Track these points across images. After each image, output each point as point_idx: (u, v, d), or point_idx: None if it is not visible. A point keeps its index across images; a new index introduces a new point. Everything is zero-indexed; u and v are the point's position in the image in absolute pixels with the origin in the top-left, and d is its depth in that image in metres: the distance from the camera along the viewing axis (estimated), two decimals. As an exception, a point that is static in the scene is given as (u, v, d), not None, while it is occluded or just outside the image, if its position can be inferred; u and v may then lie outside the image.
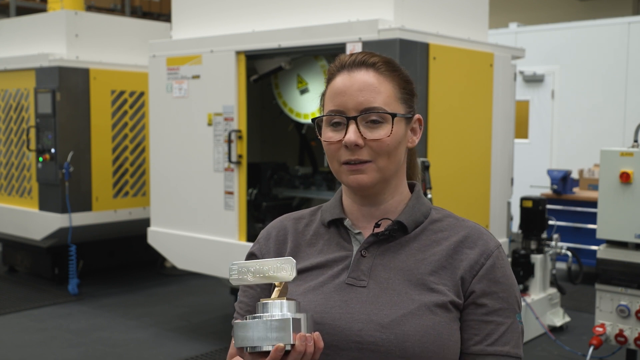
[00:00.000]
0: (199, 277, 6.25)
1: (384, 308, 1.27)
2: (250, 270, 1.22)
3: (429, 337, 1.24)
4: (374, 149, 1.30)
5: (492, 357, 1.27)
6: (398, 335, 1.24)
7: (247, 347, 1.15)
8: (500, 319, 1.28)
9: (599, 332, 3.68)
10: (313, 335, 1.15)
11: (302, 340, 1.13)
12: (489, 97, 4.40)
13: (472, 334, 1.28)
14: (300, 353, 1.12)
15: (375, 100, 1.30)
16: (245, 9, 4.55)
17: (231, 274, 1.24)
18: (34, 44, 6.40)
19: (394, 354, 1.23)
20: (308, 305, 1.30)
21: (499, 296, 1.29)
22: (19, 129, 6.43)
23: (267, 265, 1.22)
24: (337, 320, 1.27)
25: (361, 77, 1.31)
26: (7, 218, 6.54)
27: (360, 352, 1.25)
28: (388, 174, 1.33)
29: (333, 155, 1.33)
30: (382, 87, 1.31)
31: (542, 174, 7.50)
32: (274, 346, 1.11)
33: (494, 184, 4.51)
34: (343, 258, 1.35)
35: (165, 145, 4.93)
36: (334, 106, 1.32)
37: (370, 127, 1.30)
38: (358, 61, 1.33)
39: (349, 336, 1.26)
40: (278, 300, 1.18)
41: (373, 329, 1.25)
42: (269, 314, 1.16)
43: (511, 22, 8.79)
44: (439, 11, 4.21)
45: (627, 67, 7.53)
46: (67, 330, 5.21)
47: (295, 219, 1.46)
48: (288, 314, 1.15)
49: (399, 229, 1.35)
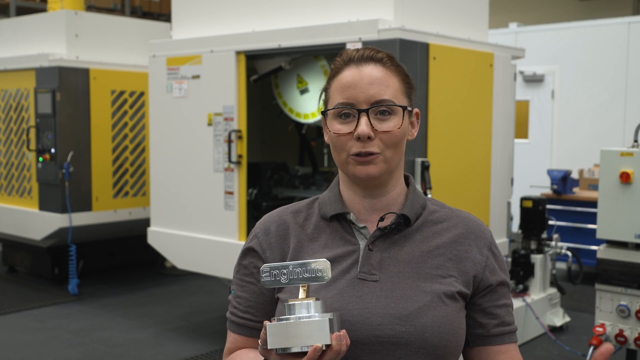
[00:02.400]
0: (199, 277, 6.25)
1: (399, 301, 1.30)
2: (284, 273, 1.22)
3: (445, 327, 1.30)
4: (383, 141, 1.33)
5: (509, 335, 1.40)
6: (417, 327, 1.28)
7: (279, 348, 1.15)
8: (509, 301, 1.42)
9: (599, 332, 3.67)
10: (343, 332, 1.17)
11: (338, 340, 1.15)
12: (489, 97, 4.40)
13: (491, 318, 1.39)
14: (337, 352, 1.14)
15: (385, 93, 1.34)
16: (245, 8, 4.55)
17: (263, 275, 1.24)
18: (34, 44, 6.40)
19: (414, 345, 1.28)
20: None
21: (505, 281, 1.42)
22: (19, 129, 6.43)
23: (302, 267, 1.22)
24: (355, 316, 1.29)
25: (370, 71, 1.35)
26: (7, 218, 6.54)
27: (381, 346, 1.28)
28: (393, 165, 1.37)
29: (342, 147, 1.35)
30: (390, 81, 1.36)
31: (542, 174, 7.50)
32: (312, 346, 1.13)
33: (494, 184, 4.51)
34: (350, 253, 1.37)
35: (165, 145, 4.93)
36: (344, 99, 1.34)
37: (380, 119, 1.33)
38: (366, 56, 1.37)
39: (369, 330, 1.28)
40: (306, 300, 1.19)
41: (392, 322, 1.28)
42: (297, 315, 1.17)
43: (511, 22, 8.79)
44: (439, 11, 4.21)
45: (627, 67, 7.53)
46: (67, 330, 5.21)
47: (294, 212, 1.46)
48: (320, 315, 1.16)
49: (403, 222, 1.38)
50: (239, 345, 1.44)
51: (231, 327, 1.45)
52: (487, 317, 1.38)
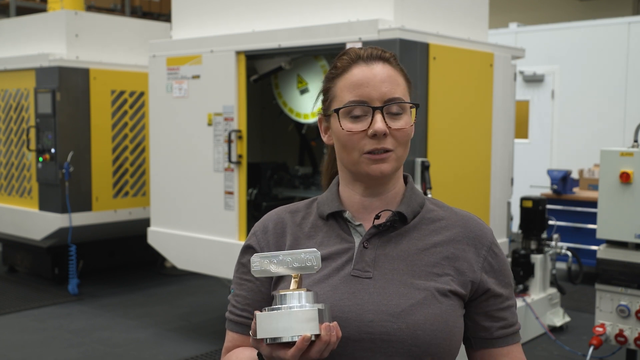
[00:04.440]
0: (199, 277, 6.24)
1: (392, 298, 1.29)
2: (274, 262, 1.22)
3: (438, 324, 1.28)
4: (396, 139, 1.34)
5: (512, 336, 1.39)
6: (409, 324, 1.27)
7: (268, 338, 1.14)
8: (512, 302, 1.41)
9: (599, 332, 3.68)
10: (334, 324, 1.16)
11: (328, 330, 1.14)
12: (489, 97, 4.40)
13: (494, 321, 1.37)
14: (326, 343, 1.14)
15: (396, 91, 1.35)
16: (245, 8, 4.55)
17: (253, 265, 1.23)
18: (34, 44, 6.40)
19: (406, 342, 1.27)
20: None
21: (507, 282, 1.40)
22: (19, 129, 6.43)
23: (292, 256, 1.22)
24: (347, 313, 1.29)
25: (380, 70, 1.36)
26: (7, 218, 6.54)
27: (372, 343, 1.27)
28: (401, 162, 1.38)
29: (354, 146, 1.34)
30: (398, 80, 1.37)
31: (542, 174, 7.50)
32: (301, 336, 1.12)
33: (494, 184, 4.51)
34: (345, 250, 1.37)
35: (166, 145, 4.93)
36: (356, 97, 1.34)
37: (392, 117, 1.34)
38: (375, 55, 1.38)
39: (360, 327, 1.28)
40: (297, 291, 1.18)
41: (384, 319, 1.28)
42: (288, 305, 1.16)
43: (511, 22, 8.79)
44: (439, 11, 4.21)
45: (627, 67, 7.53)
46: (67, 330, 5.21)
47: (292, 212, 1.46)
48: (310, 305, 1.15)
49: (399, 219, 1.38)
50: (236, 344, 1.43)
51: (229, 325, 1.45)
52: (490, 320, 1.37)
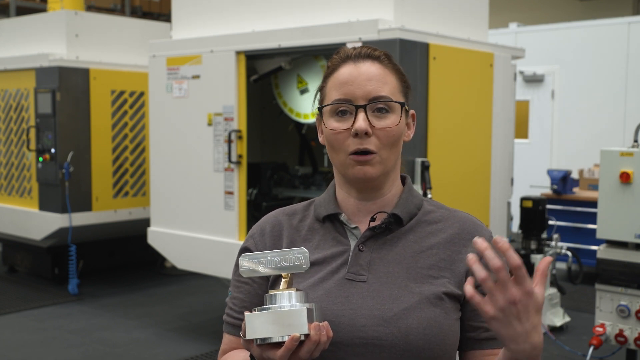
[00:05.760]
0: (199, 277, 6.24)
1: (385, 302, 1.27)
2: (262, 262, 1.21)
3: (432, 329, 1.26)
4: (380, 139, 1.31)
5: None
6: (402, 329, 1.25)
7: (258, 339, 1.13)
8: None
9: (599, 332, 3.67)
10: (324, 324, 1.15)
11: (317, 330, 1.12)
12: (489, 97, 4.40)
13: (483, 321, 1.31)
14: (315, 342, 1.12)
15: (382, 90, 1.32)
16: (245, 8, 4.55)
17: (242, 265, 1.22)
18: (34, 44, 6.40)
19: (398, 347, 1.24)
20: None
21: None
22: (19, 129, 6.43)
23: (280, 256, 1.20)
24: (339, 317, 1.27)
25: (368, 68, 1.34)
26: (7, 218, 6.54)
27: (364, 347, 1.25)
28: (389, 166, 1.34)
29: (339, 146, 1.32)
30: (387, 79, 1.34)
31: (542, 174, 7.50)
32: (289, 336, 1.10)
33: (494, 184, 4.51)
34: (341, 253, 1.35)
35: (165, 145, 4.93)
36: (341, 95, 1.33)
37: (377, 116, 1.31)
38: (364, 54, 1.36)
39: (352, 332, 1.26)
40: (287, 291, 1.17)
41: (376, 323, 1.26)
42: (277, 305, 1.15)
43: (511, 22, 8.78)
44: (439, 11, 4.21)
45: (627, 67, 7.53)
46: (67, 330, 5.21)
47: (289, 214, 1.45)
48: (299, 305, 1.14)
49: (394, 221, 1.36)
50: (232, 346, 1.43)
51: (226, 328, 1.44)
52: (479, 321, 1.33)
